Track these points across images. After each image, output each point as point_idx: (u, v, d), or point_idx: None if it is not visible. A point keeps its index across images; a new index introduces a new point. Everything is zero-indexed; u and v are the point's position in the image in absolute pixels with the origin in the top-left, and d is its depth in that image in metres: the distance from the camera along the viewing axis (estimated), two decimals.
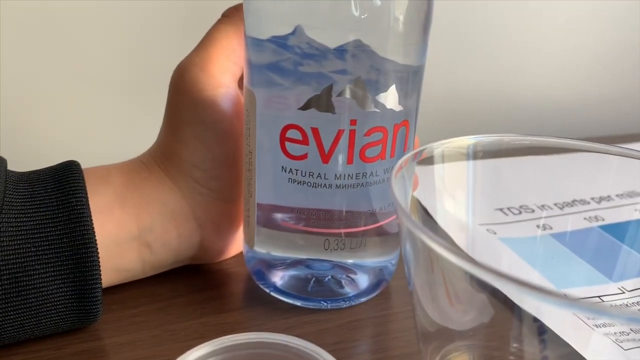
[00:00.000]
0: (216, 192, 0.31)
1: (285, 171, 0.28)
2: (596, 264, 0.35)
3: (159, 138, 0.32)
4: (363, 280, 0.31)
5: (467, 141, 0.25)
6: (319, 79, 0.26)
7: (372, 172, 0.28)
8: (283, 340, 0.21)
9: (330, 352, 0.22)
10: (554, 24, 0.61)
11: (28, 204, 0.27)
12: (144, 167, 0.31)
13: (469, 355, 0.23)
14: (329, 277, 0.31)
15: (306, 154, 0.28)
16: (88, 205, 0.27)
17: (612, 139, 0.59)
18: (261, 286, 0.32)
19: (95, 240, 0.27)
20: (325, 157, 0.28)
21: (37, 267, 0.26)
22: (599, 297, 0.32)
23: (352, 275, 0.31)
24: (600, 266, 0.35)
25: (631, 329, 0.29)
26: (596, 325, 0.28)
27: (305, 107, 0.27)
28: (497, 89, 0.62)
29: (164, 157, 0.31)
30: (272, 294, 0.31)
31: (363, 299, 0.32)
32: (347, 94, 0.26)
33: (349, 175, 0.28)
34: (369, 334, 0.30)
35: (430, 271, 0.21)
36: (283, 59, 0.27)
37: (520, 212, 0.38)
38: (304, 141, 0.27)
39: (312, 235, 0.29)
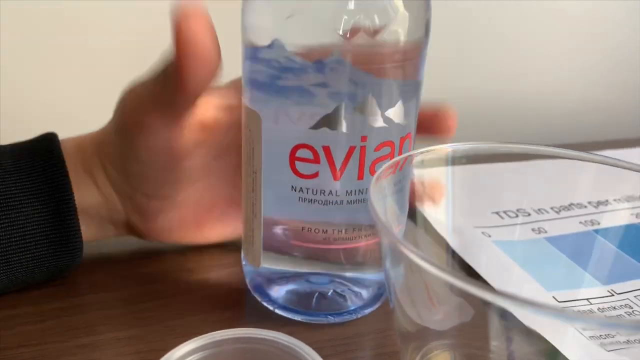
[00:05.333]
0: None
1: (296, 190, 0.28)
2: (588, 267, 0.35)
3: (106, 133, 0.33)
4: (366, 292, 0.31)
5: (447, 149, 0.26)
6: (331, 98, 0.27)
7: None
8: (270, 335, 0.22)
9: (319, 349, 0.23)
10: (558, 28, 0.62)
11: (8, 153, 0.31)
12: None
13: (449, 353, 0.24)
14: (332, 290, 0.31)
15: (317, 172, 0.28)
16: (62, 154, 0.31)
17: (617, 142, 0.59)
18: (264, 303, 0.32)
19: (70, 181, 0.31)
20: (337, 174, 0.28)
21: (18, 201, 0.30)
22: (587, 299, 0.32)
23: (357, 288, 0.31)
24: (592, 269, 0.36)
25: (617, 332, 0.30)
26: (583, 328, 0.29)
27: (316, 126, 0.27)
28: (500, 94, 0.63)
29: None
30: (277, 311, 0.31)
31: (367, 311, 0.32)
32: (358, 112, 0.27)
33: (359, 190, 0.28)
34: (358, 333, 0.31)
35: (410, 275, 0.21)
36: (295, 80, 0.27)
37: (516, 216, 0.39)
38: (315, 160, 0.28)
39: (321, 250, 0.30)
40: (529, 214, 0.39)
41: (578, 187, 0.44)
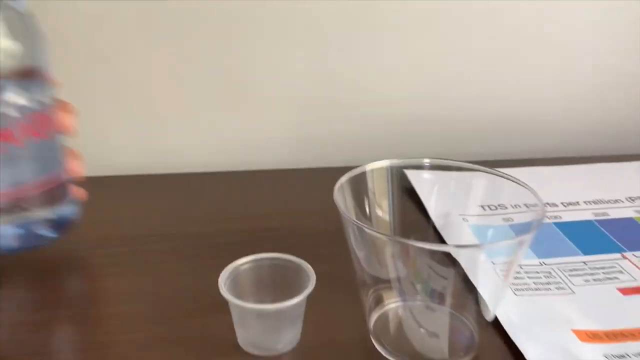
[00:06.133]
0: None
1: None
2: (534, 247, 0.48)
3: None
4: (54, 223, 0.45)
5: (386, 163, 0.41)
6: None
7: (50, 146, 0.44)
8: (286, 257, 0.39)
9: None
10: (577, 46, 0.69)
11: None
12: None
13: (393, 290, 0.39)
14: (38, 227, 0.45)
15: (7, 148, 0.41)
16: None
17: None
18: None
19: None
20: (19, 142, 0.41)
21: None
22: (520, 266, 0.45)
23: (48, 222, 0.45)
24: (536, 248, 0.48)
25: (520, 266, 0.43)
26: (493, 262, 0.41)
27: None
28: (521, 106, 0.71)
29: None
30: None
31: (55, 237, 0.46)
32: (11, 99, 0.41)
33: (37, 148, 0.42)
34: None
35: (368, 244, 0.36)
36: None
37: (496, 209, 0.52)
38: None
39: (17, 200, 0.43)
40: (506, 208, 0.52)
41: (554, 191, 0.57)
